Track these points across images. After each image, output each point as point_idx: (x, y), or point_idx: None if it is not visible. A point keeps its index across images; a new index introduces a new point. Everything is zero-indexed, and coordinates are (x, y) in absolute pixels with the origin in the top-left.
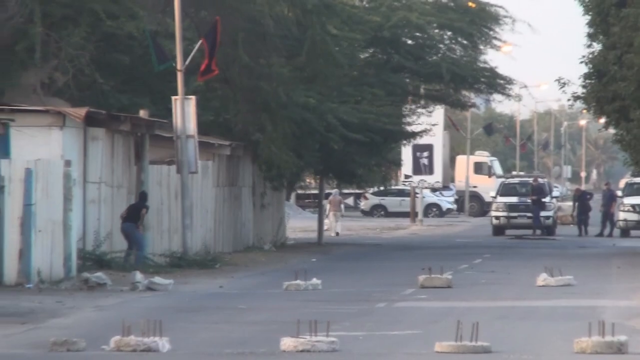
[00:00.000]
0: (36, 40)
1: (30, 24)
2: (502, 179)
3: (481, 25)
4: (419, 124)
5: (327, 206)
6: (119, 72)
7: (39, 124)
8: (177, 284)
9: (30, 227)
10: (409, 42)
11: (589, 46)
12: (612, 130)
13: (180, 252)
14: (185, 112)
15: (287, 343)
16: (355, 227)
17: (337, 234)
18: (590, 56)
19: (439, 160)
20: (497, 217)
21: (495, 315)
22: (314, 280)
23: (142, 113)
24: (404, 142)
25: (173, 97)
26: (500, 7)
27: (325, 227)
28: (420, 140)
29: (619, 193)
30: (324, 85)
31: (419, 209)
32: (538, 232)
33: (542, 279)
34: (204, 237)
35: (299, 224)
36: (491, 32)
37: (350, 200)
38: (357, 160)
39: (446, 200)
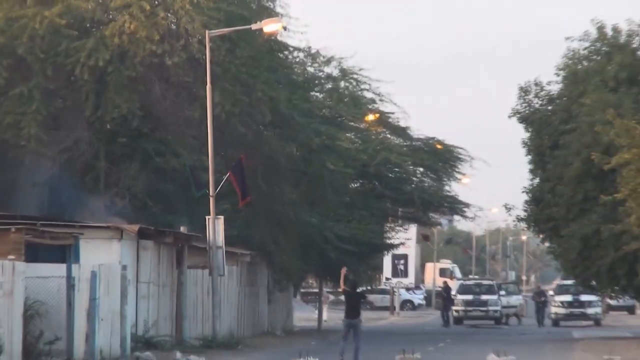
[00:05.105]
0: (101, 172)
1: (97, 160)
2: (461, 281)
3: (446, 162)
4: (396, 238)
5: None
6: (164, 197)
7: (102, 237)
8: None
9: (94, 316)
10: (390, 175)
11: (531, 179)
12: (546, 244)
13: (210, 336)
14: (215, 228)
15: None
16: None
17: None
18: (530, 187)
19: (412, 266)
20: (457, 311)
21: None
22: (313, 359)
23: (182, 229)
24: (385, 252)
25: (206, 217)
26: (462, 148)
27: None
28: (398, 251)
29: (550, 292)
30: (323, 208)
31: (397, 304)
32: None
33: (491, 358)
34: (229, 325)
35: (303, 315)
36: (454, 168)
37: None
38: (349, 266)
39: (417, 297)
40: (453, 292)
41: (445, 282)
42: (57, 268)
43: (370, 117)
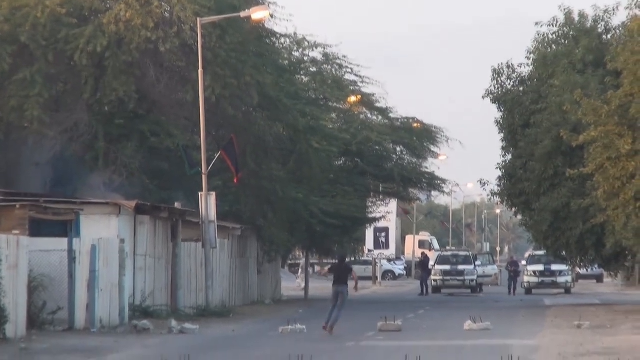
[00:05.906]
0: (100, 152)
1: (96, 140)
2: (439, 252)
3: (424, 141)
4: (378, 212)
5: (299, 270)
6: (160, 175)
7: (101, 213)
8: (202, 328)
9: (94, 287)
10: (371, 153)
11: (503, 156)
12: (519, 217)
13: (204, 305)
14: (208, 204)
15: None
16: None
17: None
18: (503, 163)
19: (393, 239)
20: (435, 280)
21: (434, 351)
22: (301, 326)
23: (177, 204)
24: (367, 225)
25: (199, 193)
26: (439, 128)
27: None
28: (379, 224)
29: (523, 262)
30: (309, 184)
31: (379, 274)
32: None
33: (468, 324)
34: (221, 295)
35: (290, 285)
36: (431, 146)
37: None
38: (333, 239)
39: (398, 268)
40: (432, 263)
41: (423, 253)
42: (59, 242)
43: (353, 99)
